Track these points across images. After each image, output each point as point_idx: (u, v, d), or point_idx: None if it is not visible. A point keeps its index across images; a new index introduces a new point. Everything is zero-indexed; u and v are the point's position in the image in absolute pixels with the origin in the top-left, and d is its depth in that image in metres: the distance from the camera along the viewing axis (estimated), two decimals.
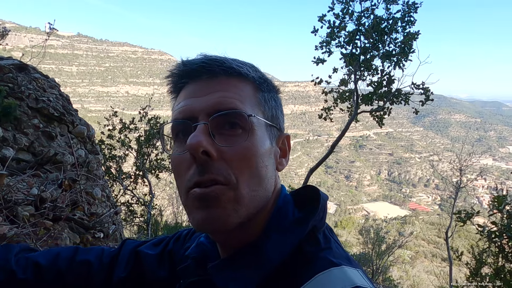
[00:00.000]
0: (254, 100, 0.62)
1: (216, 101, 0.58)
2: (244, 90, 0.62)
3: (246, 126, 0.58)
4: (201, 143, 0.54)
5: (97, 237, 2.19)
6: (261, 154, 0.59)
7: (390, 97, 7.05)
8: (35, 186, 2.00)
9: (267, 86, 0.67)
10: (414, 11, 6.51)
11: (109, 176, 6.17)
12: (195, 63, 0.61)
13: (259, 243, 0.60)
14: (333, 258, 0.57)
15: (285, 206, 0.64)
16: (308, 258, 0.58)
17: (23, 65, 2.69)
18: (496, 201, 4.31)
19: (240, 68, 0.62)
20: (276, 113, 0.67)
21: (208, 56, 0.62)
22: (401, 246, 15.47)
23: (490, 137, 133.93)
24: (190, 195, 0.57)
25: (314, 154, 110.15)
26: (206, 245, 0.70)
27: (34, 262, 0.77)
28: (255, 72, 0.65)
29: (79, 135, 2.84)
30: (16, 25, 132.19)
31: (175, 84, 0.66)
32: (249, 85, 0.63)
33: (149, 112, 6.89)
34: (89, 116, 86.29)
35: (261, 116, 0.62)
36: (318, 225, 0.63)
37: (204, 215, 0.55)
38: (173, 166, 0.62)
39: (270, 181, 0.62)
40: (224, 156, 0.56)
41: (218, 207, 0.55)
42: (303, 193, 0.69)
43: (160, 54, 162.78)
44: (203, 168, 0.55)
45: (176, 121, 0.61)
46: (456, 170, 10.63)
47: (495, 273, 4.32)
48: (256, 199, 0.59)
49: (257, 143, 0.59)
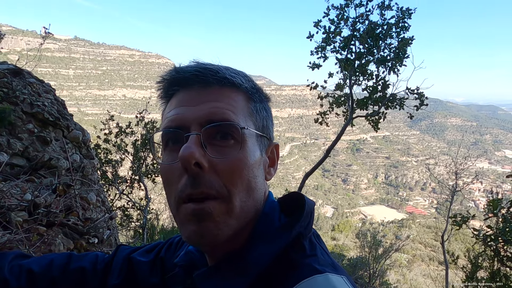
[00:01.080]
0: (246, 110, 0.62)
1: (209, 111, 0.58)
2: (237, 100, 0.61)
3: (239, 137, 0.58)
4: (193, 154, 0.54)
5: (91, 242, 2.17)
6: (252, 165, 0.59)
7: (385, 102, 7.10)
8: (28, 192, 1.99)
9: (259, 96, 0.66)
10: (408, 17, 6.58)
11: (105, 181, 6.13)
12: (188, 71, 0.61)
13: (244, 251, 0.60)
14: (317, 265, 0.57)
15: (271, 213, 0.64)
16: (293, 265, 0.58)
17: (18, 70, 2.69)
18: (491, 205, 4.32)
19: (234, 78, 0.61)
20: (267, 123, 0.67)
21: (201, 65, 0.62)
22: (398, 249, 15.45)
23: (486, 140, 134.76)
24: (182, 209, 0.57)
25: (311, 157, 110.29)
26: (194, 253, 0.70)
27: (28, 270, 0.76)
28: (248, 82, 0.64)
29: (74, 140, 2.83)
30: (12, 28, 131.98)
31: (166, 90, 0.65)
32: (242, 95, 0.63)
33: (146, 116, 6.88)
34: (85, 120, 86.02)
35: (253, 127, 0.62)
36: (304, 232, 0.62)
37: (196, 229, 0.56)
38: (162, 174, 0.62)
39: (260, 191, 0.62)
40: (215, 168, 0.56)
41: (210, 221, 0.56)
42: (289, 199, 0.69)
43: (157, 58, 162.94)
44: (194, 180, 0.55)
45: (167, 129, 0.60)
46: (452, 173, 10.66)
47: (491, 277, 4.33)
48: (247, 210, 0.59)
49: (248, 155, 0.59)
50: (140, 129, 6.74)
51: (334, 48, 7.05)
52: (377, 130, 7.64)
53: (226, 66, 0.64)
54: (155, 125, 6.87)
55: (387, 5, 6.58)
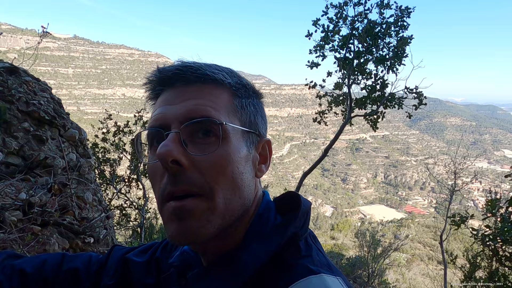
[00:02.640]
0: (230, 106, 0.61)
1: (189, 108, 0.57)
2: (219, 97, 0.60)
3: (219, 133, 0.57)
4: (170, 152, 0.53)
5: (87, 242, 2.16)
6: (236, 161, 0.58)
7: (384, 101, 7.10)
8: (23, 191, 1.98)
9: (245, 91, 0.65)
10: (407, 15, 6.57)
11: (102, 180, 6.12)
12: (170, 70, 0.61)
13: (238, 251, 0.59)
14: (312, 266, 0.56)
15: (266, 213, 0.63)
16: (287, 266, 0.57)
17: (14, 68, 2.67)
18: (490, 204, 4.32)
19: (215, 75, 0.60)
20: (255, 118, 0.65)
21: (183, 63, 0.61)
22: (397, 249, 15.47)
23: (485, 140, 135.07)
24: (165, 208, 0.56)
25: (311, 157, 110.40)
26: (189, 253, 0.70)
27: (20, 270, 0.75)
28: (232, 78, 0.63)
29: (71, 139, 2.82)
30: (12, 27, 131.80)
31: (152, 91, 0.66)
32: (225, 91, 0.62)
33: (144, 115, 6.87)
34: (85, 119, 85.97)
35: (237, 123, 0.61)
36: (299, 232, 0.61)
37: (178, 227, 0.55)
38: (148, 174, 0.61)
39: (247, 188, 0.61)
40: (197, 165, 0.55)
41: (192, 219, 0.55)
42: (286, 199, 0.68)
43: (157, 57, 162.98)
44: (175, 177, 0.55)
45: (149, 129, 0.60)
46: (451, 173, 10.67)
47: (489, 277, 4.33)
48: (232, 208, 0.58)
49: (232, 151, 0.58)
50: (139, 128, 6.73)
51: (332, 47, 7.04)
52: (375, 129, 7.64)
53: (209, 63, 0.63)
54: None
55: (386, 3, 6.57)
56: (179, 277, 0.68)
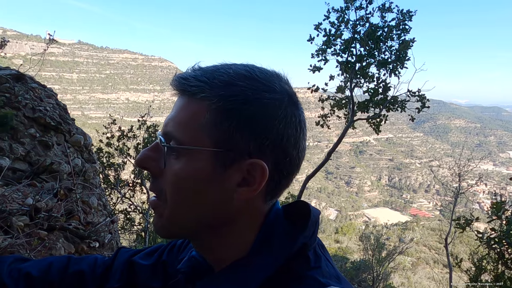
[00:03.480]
0: (203, 122, 0.56)
1: (166, 122, 0.62)
2: (190, 111, 0.57)
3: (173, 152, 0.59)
4: (140, 158, 0.61)
5: (92, 246, 2.18)
6: (188, 179, 0.57)
7: (386, 104, 7.09)
8: (30, 196, 2.01)
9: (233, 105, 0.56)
10: (409, 19, 6.59)
11: (107, 184, 6.16)
12: (173, 79, 0.62)
13: (246, 260, 0.59)
14: (321, 277, 0.56)
15: (275, 222, 0.62)
16: (296, 277, 0.57)
17: (20, 75, 2.71)
18: (495, 207, 4.30)
19: (193, 87, 0.57)
20: (234, 135, 0.56)
21: (186, 72, 0.61)
22: (402, 252, 15.37)
23: (490, 142, 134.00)
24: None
25: (314, 160, 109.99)
26: (197, 259, 0.69)
27: (26, 274, 0.76)
28: (217, 90, 0.56)
29: (76, 144, 2.85)
30: (17, 33, 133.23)
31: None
32: (202, 106, 0.56)
33: (148, 119, 6.92)
34: (89, 123, 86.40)
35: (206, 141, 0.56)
36: (308, 242, 0.60)
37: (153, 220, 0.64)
38: None
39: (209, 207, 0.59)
40: (163, 175, 0.60)
41: (157, 217, 0.62)
42: (295, 208, 0.67)
43: (160, 61, 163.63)
44: (151, 179, 0.63)
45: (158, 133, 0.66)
46: (456, 175, 10.60)
47: (495, 280, 4.30)
48: (181, 221, 0.61)
49: (184, 169, 0.57)
50: (142, 132, 6.77)
51: (334, 51, 7.07)
52: (378, 132, 7.63)
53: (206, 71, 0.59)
54: (157, 128, 6.91)
55: (387, 7, 6.59)
56: (187, 283, 0.68)
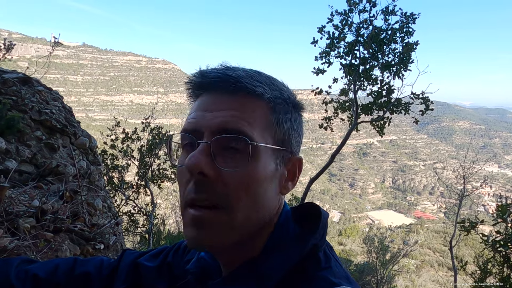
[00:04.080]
0: (265, 122, 0.60)
1: (223, 120, 0.57)
2: (256, 111, 0.59)
3: (249, 151, 0.56)
4: (198, 164, 0.54)
5: (97, 248, 2.20)
6: (261, 179, 0.58)
7: (390, 107, 7.08)
8: (36, 198, 2.03)
9: (285, 106, 0.62)
10: (412, 22, 6.57)
11: (111, 186, 6.19)
12: (211, 76, 0.60)
13: (259, 261, 0.59)
14: (333, 277, 0.57)
15: (286, 224, 0.63)
16: (308, 277, 0.57)
17: (27, 78, 2.75)
18: (500, 210, 4.27)
19: (255, 87, 0.59)
20: (290, 135, 0.63)
21: (225, 70, 0.60)
22: (406, 255, 15.27)
23: (495, 144, 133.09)
24: (186, 213, 0.58)
25: (318, 162, 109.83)
26: (206, 260, 0.70)
27: (33, 275, 0.77)
28: (272, 91, 0.61)
29: (81, 147, 2.88)
30: (22, 35, 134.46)
31: (192, 92, 0.65)
32: (263, 106, 0.60)
33: (152, 121, 6.95)
34: (93, 125, 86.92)
35: (270, 140, 0.60)
36: (319, 244, 0.61)
37: (195, 234, 0.56)
38: (177, 174, 0.63)
39: (269, 205, 0.61)
40: (222, 178, 0.56)
41: (210, 229, 0.56)
42: (304, 210, 0.68)
43: (164, 63, 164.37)
44: (199, 187, 0.56)
45: (181, 133, 0.61)
46: (460, 178, 10.53)
47: (501, 283, 4.26)
48: (250, 224, 0.59)
49: (258, 169, 0.57)
50: (146, 134, 6.80)
51: (338, 54, 7.05)
52: (382, 135, 7.61)
53: (252, 71, 0.61)
54: (161, 130, 6.94)
55: (391, 10, 6.58)
56: (197, 284, 0.68)
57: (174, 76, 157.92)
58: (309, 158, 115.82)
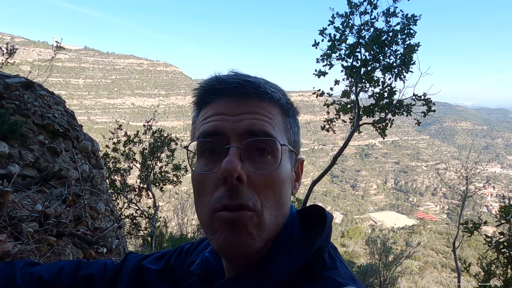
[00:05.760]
0: (283, 126, 0.63)
1: (249, 123, 0.58)
2: (275, 115, 0.62)
3: (277, 153, 0.58)
4: (236, 169, 0.55)
5: (100, 252, 2.20)
6: (284, 181, 0.60)
7: (392, 108, 7.07)
8: (39, 202, 2.03)
9: (293, 111, 0.68)
10: (414, 23, 6.57)
11: (113, 189, 6.20)
12: (230, 82, 0.61)
13: (265, 262, 0.60)
14: (339, 278, 0.57)
15: (291, 226, 0.64)
16: (314, 278, 0.58)
17: (29, 83, 2.76)
18: (504, 210, 4.25)
19: (273, 93, 0.62)
20: (297, 138, 0.68)
21: (242, 77, 0.62)
22: (409, 256, 15.24)
23: (497, 144, 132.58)
24: (216, 217, 0.57)
25: (319, 163, 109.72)
26: (211, 261, 0.70)
27: (38, 278, 0.77)
28: (283, 97, 0.65)
29: (84, 150, 2.89)
30: (24, 39, 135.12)
31: (201, 97, 0.65)
32: (279, 110, 0.64)
33: (153, 124, 6.96)
34: (95, 128, 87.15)
35: (287, 142, 0.63)
36: (324, 245, 0.62)
37: (230, 237, 0.56)
38: (195, 183, 0.61)
39: (287, 206, 0.63)
40: (252, 182, 0.57)
41: (244, 231, 0.56)
42: (309, 212, 0.69)
43: (165, 66, 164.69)
44: (232, 192, 0.56)
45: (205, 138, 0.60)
46: (463, 178, 10.48)
47: (504, 285, 4.24)
48: (276, 225, 0.60)
49: (283, 171, 0.60)
50: (148, 137, 6.81)
51: (339, 56, 7.05)
52: (384, 136, 7.60)
53: (265, 79, 0.64)
54: (163, 133, 6.95)
55: (392, 12, 6.58)
56: (202, 285, 0.69)
57: (176, 78, 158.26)
58: (311, 160, 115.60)
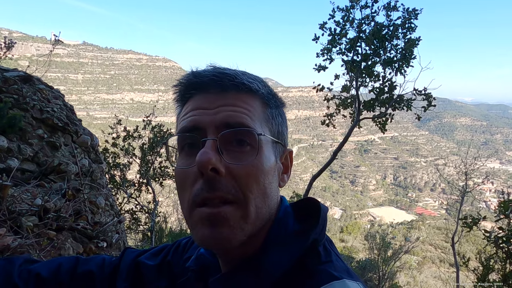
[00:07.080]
0: (263, 116, 0.62)
1: (226, 115, 0.57)
2: (254, 106, 0.61)
3: (255, 144, 0.58)
4: (210, 160, 0.54)
5: (100, 246, 2.20)
6: (267, 171, 0.59)
7: (392, 103, 7.05)
8: (39, 196, 2.03)
9: (275, 101, 0.66)
10: (415, 17, 6.54)
11: (113, 184, 6.20)
12: (205, 75, 0.60)
13: (259, 256, 0.59)
14: (334, 271, 0.57)
15: (285, 219, 0.64)
16: (309, 272, 0.57)
17: (28, 77, 2.74)
18: (502, 206, 4.27)
19: (251, 84, 0.61)
20: (282, 129, 0.67)
21: (218, 69, 0.61)
22: (407, 251, 15.31)
23: (496, 140, 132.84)
24: (196, 213, 0.56)
25: (319, 159, 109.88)
26: (206, 257, 0.70)
27: (36, 275, 0.77)
28: (264, 88, 0.64)
29: (83, 145, 2.88)
30: (23, 34, 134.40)
31: (182, 94, 0.65)
32: (258, 101, 0.63)
33: (153, 119, 6.95)
34: (94, 124, 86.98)
35: (268, 133, 0.62)
36: (318, 238, 0.62)
37: (210, 233, 0.55)
38: (177, 178, 0.61)
39: (274, 198, 0.62)
40: (232, 173, 0.56)
41: (225, 226, 0.55)
42: (303, 205, 0.69)
43: (164, 61, 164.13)
44: (210, 184, 0.55)
45: (183, 134, 0.60)
46: (462, 174, 10.52)
47: (503, 279, 4.26)
48: (261, 217, 0.59)
49: (264, 161, 0.59)
50: (147, 132, 6.80)
51: (340, 50, 7.03)
52: (384, 131, 7.60)
53: (243, 71, 0.63)
54: (162, 128, 6.94)
55: (393, 6, 6.54)
56: (198, 281, 0.68)
57: (175, 74, 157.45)
58: (310, 155, 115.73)
